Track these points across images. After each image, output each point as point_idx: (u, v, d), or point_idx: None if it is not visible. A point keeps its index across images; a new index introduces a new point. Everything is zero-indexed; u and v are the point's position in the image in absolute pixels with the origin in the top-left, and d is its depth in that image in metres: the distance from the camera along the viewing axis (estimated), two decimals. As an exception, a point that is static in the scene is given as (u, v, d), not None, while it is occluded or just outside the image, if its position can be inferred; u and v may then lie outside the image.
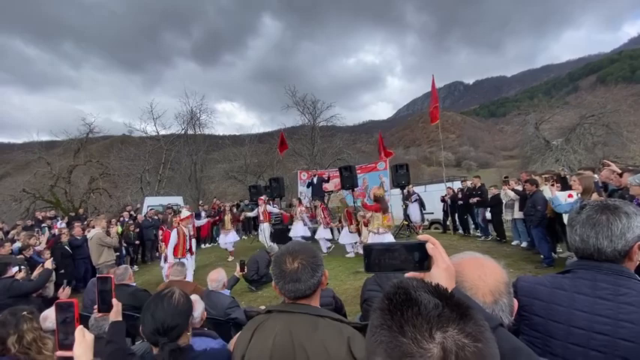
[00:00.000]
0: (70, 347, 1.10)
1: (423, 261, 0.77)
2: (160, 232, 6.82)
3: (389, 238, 6.77)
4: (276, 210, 10.32)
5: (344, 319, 1.12)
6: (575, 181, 4.64)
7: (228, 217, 9.45)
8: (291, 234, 9.31)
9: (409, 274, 0.78)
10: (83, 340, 1.10)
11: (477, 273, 0.92)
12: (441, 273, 0.75)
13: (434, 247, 0.77)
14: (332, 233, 9.37)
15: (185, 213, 6.82)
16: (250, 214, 10.57)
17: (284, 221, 10.84)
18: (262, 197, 9.97)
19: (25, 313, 1.97)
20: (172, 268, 4.08)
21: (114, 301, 1.44)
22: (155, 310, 1.31)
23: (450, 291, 0.54)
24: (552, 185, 5.12)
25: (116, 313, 1.45)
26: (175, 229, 6.31)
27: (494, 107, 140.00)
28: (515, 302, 1.06)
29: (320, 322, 1.07)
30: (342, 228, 8.57)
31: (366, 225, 7.49)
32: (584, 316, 1.01)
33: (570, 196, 4.89)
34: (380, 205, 6.75)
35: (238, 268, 4.08)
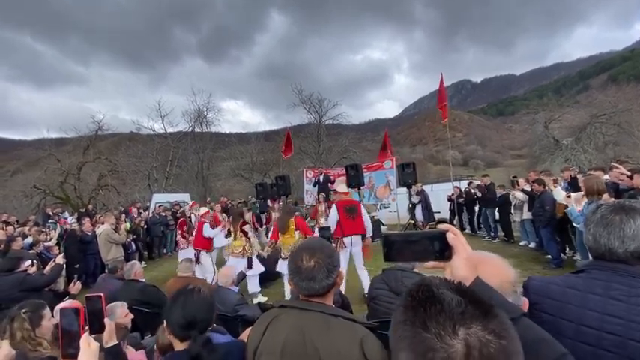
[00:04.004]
0: (74, 356, 1.06)
1: (444, 250, 0.77)
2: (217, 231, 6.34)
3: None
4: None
5: (358, 318, 1.11)
6: (582, 184, 4.59)
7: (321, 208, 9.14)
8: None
9: (429, 264, 0.79)
10: (88, 348, 1.06)
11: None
12: (463, 262, 0.75)
13: (455, 236, 0.77)
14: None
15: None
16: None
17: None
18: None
19: (22, 311, 2.05)
20: (180, 264, 4.13)
21: (106, 320, 1.32)
22: (185, 304, 1.34)
23: (472, 289, 0.55)
24: (569, 197, 5.02)
25: (110, 334, 1.36)
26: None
27: (503, 106, 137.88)
28: (525, 301, 1.06)
29: (332, 321, 1.06)
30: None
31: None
32: (595, 316, 1.01)
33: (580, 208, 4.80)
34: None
35: (246, 264, 4.11)
